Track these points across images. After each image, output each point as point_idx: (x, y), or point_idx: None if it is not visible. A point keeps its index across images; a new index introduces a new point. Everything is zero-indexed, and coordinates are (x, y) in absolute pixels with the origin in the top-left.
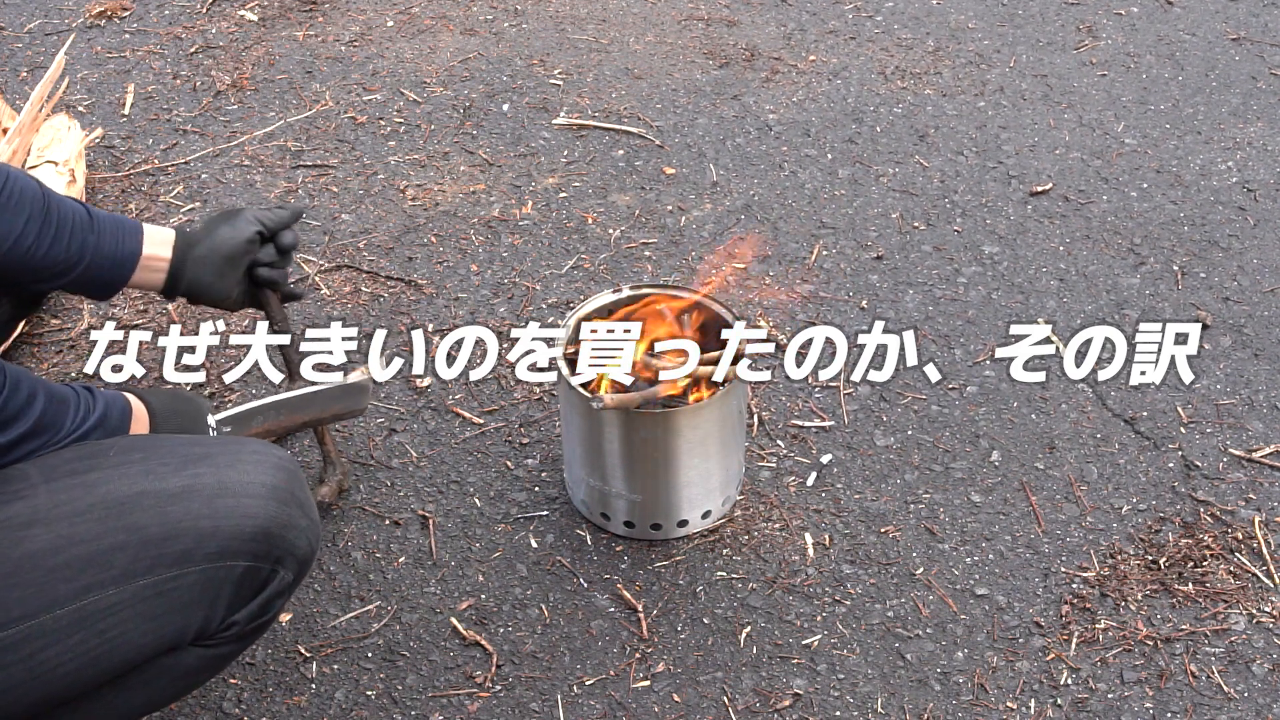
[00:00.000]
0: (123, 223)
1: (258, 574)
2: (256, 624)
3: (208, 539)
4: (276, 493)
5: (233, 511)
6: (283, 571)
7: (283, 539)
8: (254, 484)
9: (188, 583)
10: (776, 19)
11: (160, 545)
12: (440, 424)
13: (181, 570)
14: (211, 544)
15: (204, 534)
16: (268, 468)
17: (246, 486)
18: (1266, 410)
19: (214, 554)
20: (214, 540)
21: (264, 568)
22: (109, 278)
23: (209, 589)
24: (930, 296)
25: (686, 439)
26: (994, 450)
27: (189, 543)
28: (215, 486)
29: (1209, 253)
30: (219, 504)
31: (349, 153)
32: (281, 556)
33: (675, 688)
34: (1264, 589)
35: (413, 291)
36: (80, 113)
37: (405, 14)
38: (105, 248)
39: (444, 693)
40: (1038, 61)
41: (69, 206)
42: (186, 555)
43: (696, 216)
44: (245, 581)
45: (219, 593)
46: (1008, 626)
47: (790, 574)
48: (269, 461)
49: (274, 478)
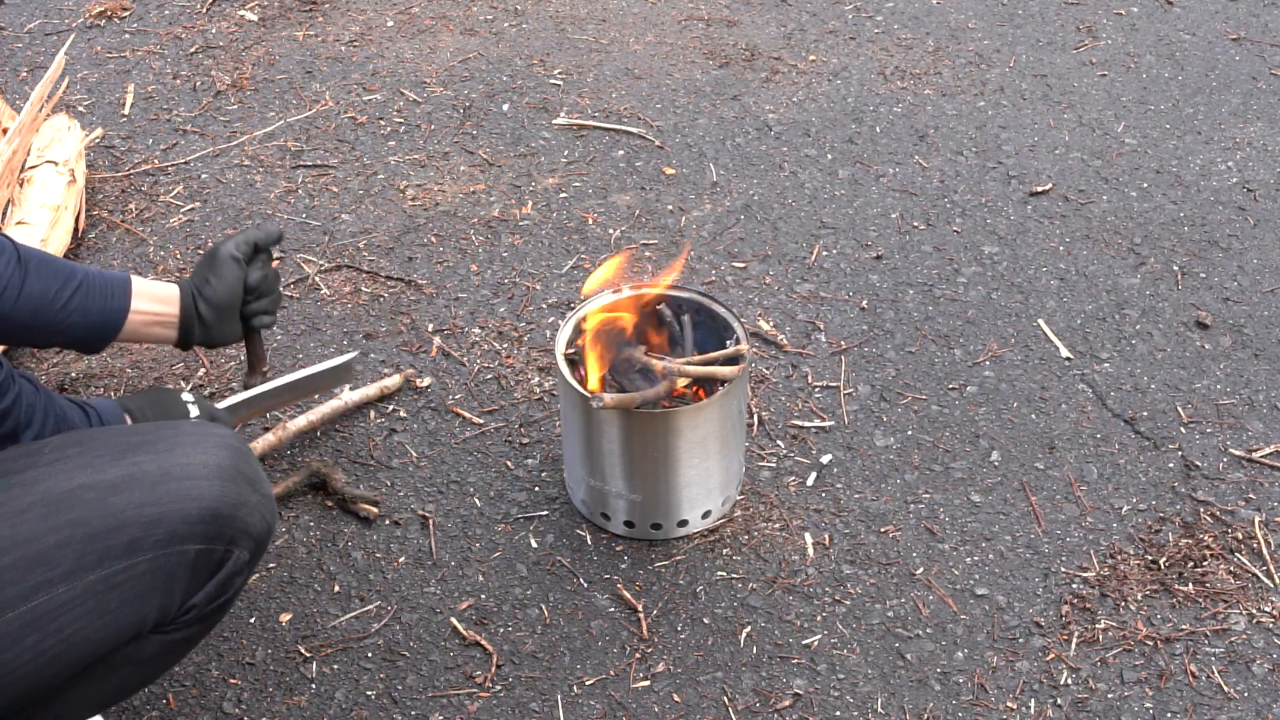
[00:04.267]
0: (110, 282)
1: (211, 555)
2: (216, 604)
3: (154, 526)
4: (221, 471)
5: (177, 495)
6: (237, 551)
7: (233, 518)
8: (196, 465)
9: (139, 572)
10: (776, 19)
11: (106, 538)
12: (440, 424)
13: (131, 561)
14: (159, 530)
15: (150, 521)
16: (210, 447)
17: (189, 468)
18: (1266, 410)
19: (162, 540)
20: (161, 527)
21: (217, 548)
22: (92, 337)
23: (162, 576)
24: (930, 296)
25: (686, 439)
26: (994, 450)
27: (136, 532)
28: (157, 473)
29: (1209, 253)
30: (162, 490)
31: (349, 153)
32: (234, 536)
33: (675, 688)
34: (1264, 589)
35: (413, 291)
36: (80, 113)
37: (405, 14)
38: (93, 306)
39: (444, 693)
40: (1038, 61)
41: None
42: (134, 545)
43: (696, 216)
44: (199, 564)
45: (173, 579)
46: (1008, 626)
47: (790, 574)
48: (211, 440)
49: (217, 456)
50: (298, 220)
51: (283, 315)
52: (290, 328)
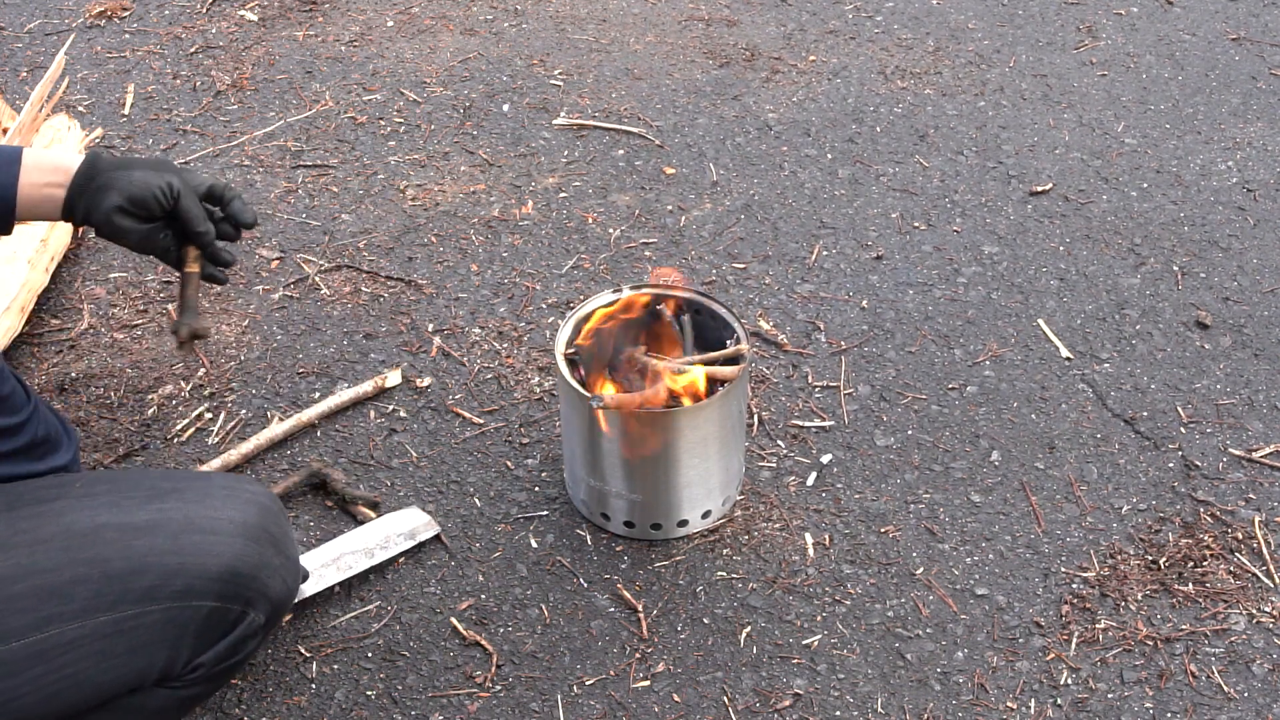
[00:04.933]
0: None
1: (226, 615)
2: (224, 666)
3: (173, 576)
4: (247, 530)
5: (199, 549)
6: (253, 613)
7: (253, 579)
8: (222, 520)
9: (149, 621)
10: (776, 19)
11: (124, 580)
12: (440, 424)
13: (144, 608)
14: (176, 582)
15: (169, 571)
16: (239, 503)
17: (215, 523)
18: (1266, 410)
19: (179, 593)
20: (179, 578)
21: (233, 609)
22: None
23: (172, 629)
24: (930, 296)
25: (686, 439)
26: (994, 450)
27: (153, 579)
28: (182, 521)
29: (1209, 253)
30: (185, 540)
31: (349, 153)
32: (252, 598)
33: (675, 688)
34: (1264, 589)
35: (413, 291)
36: (80, 113)
37: (405, 14)
38: None
39: (444, 693)
40: (1038, 61)
41: None
42: (150, 592)
43: (696, 216)
44: (212, 622)
45: (183, 634)
46: (1008, 626)
47: (790, 574)
48: (241, 497)
49: (244, 514)
50: (298, 220)
51: (283, 315)
52: (290, 328)
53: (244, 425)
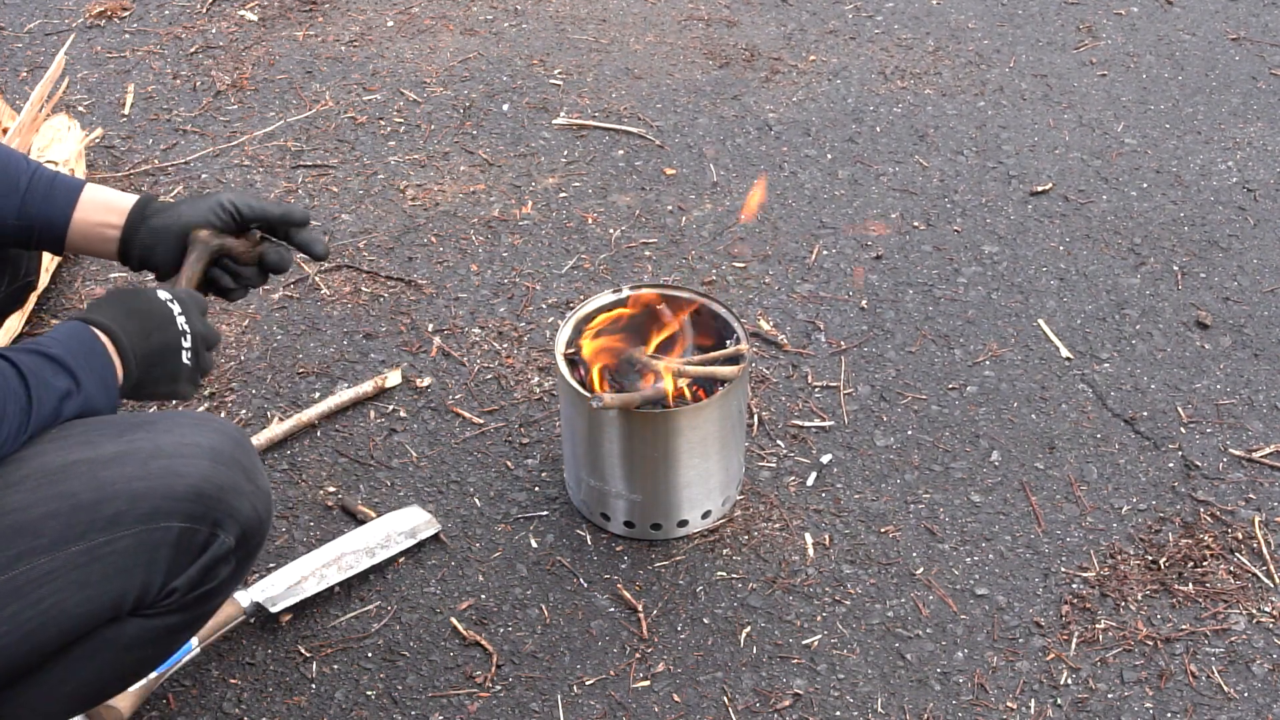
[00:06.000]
0: (57, 184)
1: (195, 536)
2: (199, 592)
3: (140, 500)
4: (215, 453)
5: (165, 471)
6: (222, 535)
7: (219, 500)
8: (190, 444)
9: (121, 547)
10: (776, 19)
11: (92, 510)
12: (440, 424)
13: (114, 534)
14: (143, 505)
15: (136, 495)
16: (207, 431)
17: (182, 448)
18: (1266, 410)
19: (146, 514)
20: (146, 501)
21: (201, 529)
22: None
23: (144, 552)
24: (930, 296)
25: (686, 439)
26: (994, 450)
27: (121, 505)
28: (150, 450)
29: (1209, 253)
30: (153, 465)
31: (349, 153)
32: (219, 518)
33: (675, 688)
34: (1264, 589)
35: (413, 291)
36: (80, 113)
37: (405, 14)
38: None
39: (444, 693)
40: (1038, 61)
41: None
42: (118, 518)
43: (696, 216)
44: (182, 544)
45: (155, 556)
46: (1008, 626)
47: (790, 574)
48: (210, 425)
49: (212, 439)
50: None
51: (283, 315)
52: (290, 328)
53: (244, 425)
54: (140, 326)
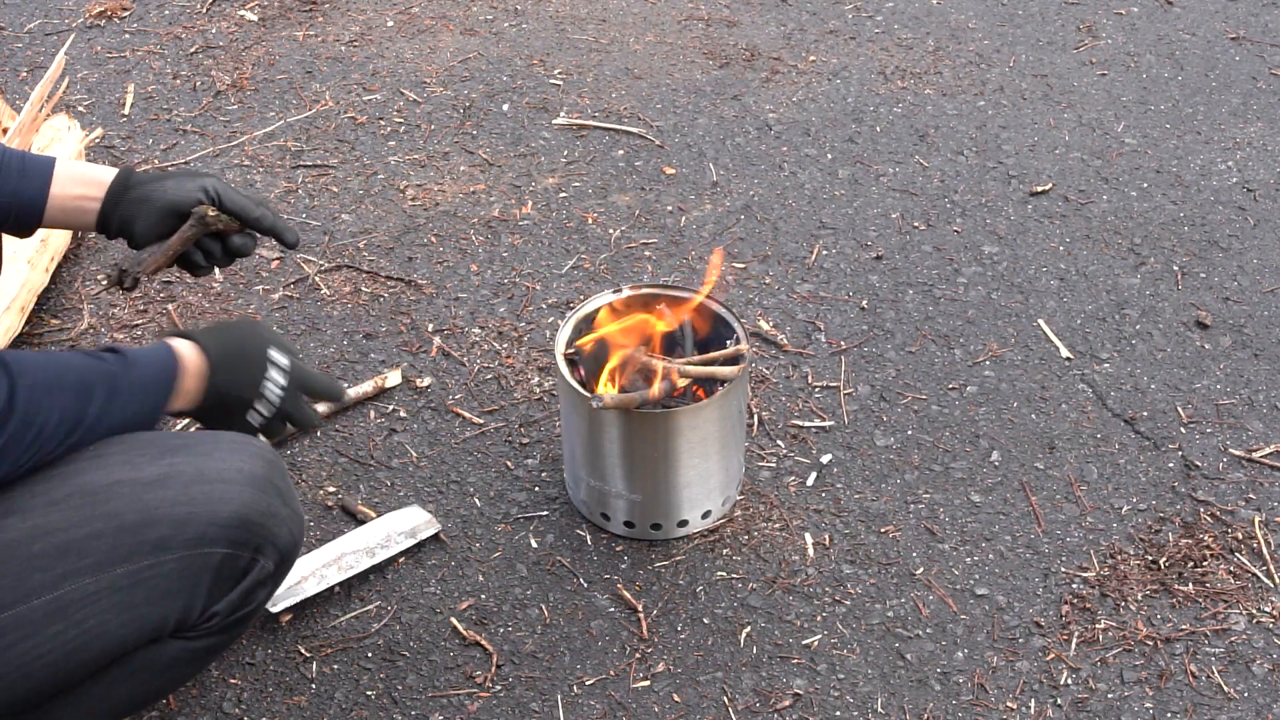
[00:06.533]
0: (29, 163)
1: (236, 562)
2: (238, 615)
3: (184, 525)
4: (255, 479)
5: (209, 497)
6: (263, 560)
7: (261, 526)
8: (230, 470)
9: (165, 571)
10: (776, 19)
11: (137, 532)
12: (440, 424)
13: (158, 558)
14: (189, 530)
15: (180, 520)
16: (245, 455)
17: (223, 473)
18: (1266, 410)
19: (191, 540)
20: (191, 526)
21: (243, 555)
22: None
23: (187, 577)
24: (930, 296)
25: (686, 439)
26: (994, 450)
27: (166, 529)
28: (192, 474)
29: (1209, 253)
30: (196, 490)
31: (349, 153)
32: (261, 545)
33: (675, 688)
34: (1264, 589)
35: (413, 291)
36: (80, 113)
37: (405, 14)
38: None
39: (444, 693)
40: (1038, 61)
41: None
42: (163, 542)
43: (696, 216)
44: (224, 570)
45: (198, 581)
46: (1008, 626)
47: (790, 574)
48: (247, 450)
49: (251, 465)
50: (298, 220)
51: (283, 315)
52: (290, 328)
53: None
54: (230, 365)
